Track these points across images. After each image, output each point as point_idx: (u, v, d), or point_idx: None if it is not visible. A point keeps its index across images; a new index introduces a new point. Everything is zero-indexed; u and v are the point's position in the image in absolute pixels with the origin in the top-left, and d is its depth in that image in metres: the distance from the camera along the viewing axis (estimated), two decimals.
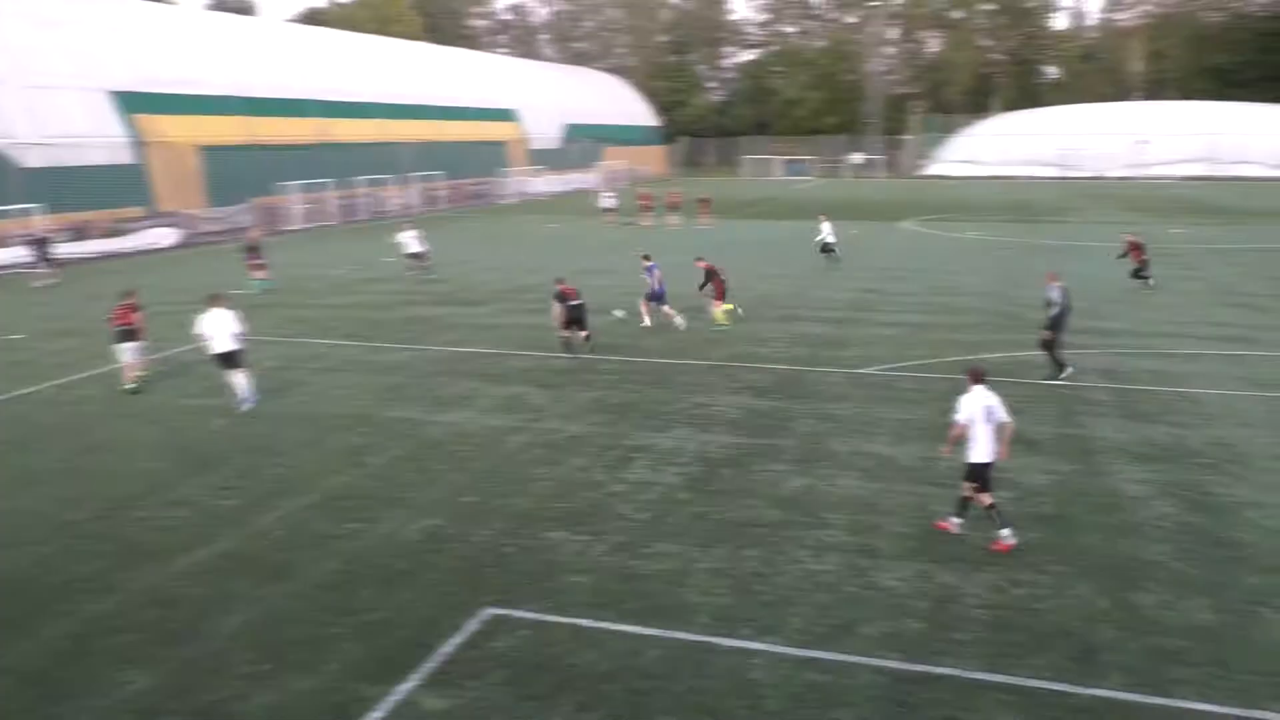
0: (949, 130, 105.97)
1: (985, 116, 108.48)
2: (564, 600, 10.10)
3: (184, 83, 51.51)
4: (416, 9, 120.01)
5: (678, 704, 8.30)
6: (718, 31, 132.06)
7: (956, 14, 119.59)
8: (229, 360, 17.57)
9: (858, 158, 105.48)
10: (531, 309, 27.06)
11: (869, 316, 25.56)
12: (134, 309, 19.10)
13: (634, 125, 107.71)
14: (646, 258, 25.22)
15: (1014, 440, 15.10)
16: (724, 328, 24.03)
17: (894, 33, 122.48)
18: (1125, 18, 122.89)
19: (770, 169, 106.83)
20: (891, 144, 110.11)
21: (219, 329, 17.52)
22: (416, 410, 17.22)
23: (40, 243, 33.56)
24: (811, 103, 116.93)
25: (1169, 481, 13.42)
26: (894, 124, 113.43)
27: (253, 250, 31.20)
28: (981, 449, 11.34)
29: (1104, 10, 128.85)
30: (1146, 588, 10.32)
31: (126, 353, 18.86)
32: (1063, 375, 18.58)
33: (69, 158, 43.02)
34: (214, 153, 51.02)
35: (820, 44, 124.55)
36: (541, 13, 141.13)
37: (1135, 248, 29.48)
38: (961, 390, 11.06)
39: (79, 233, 41.83)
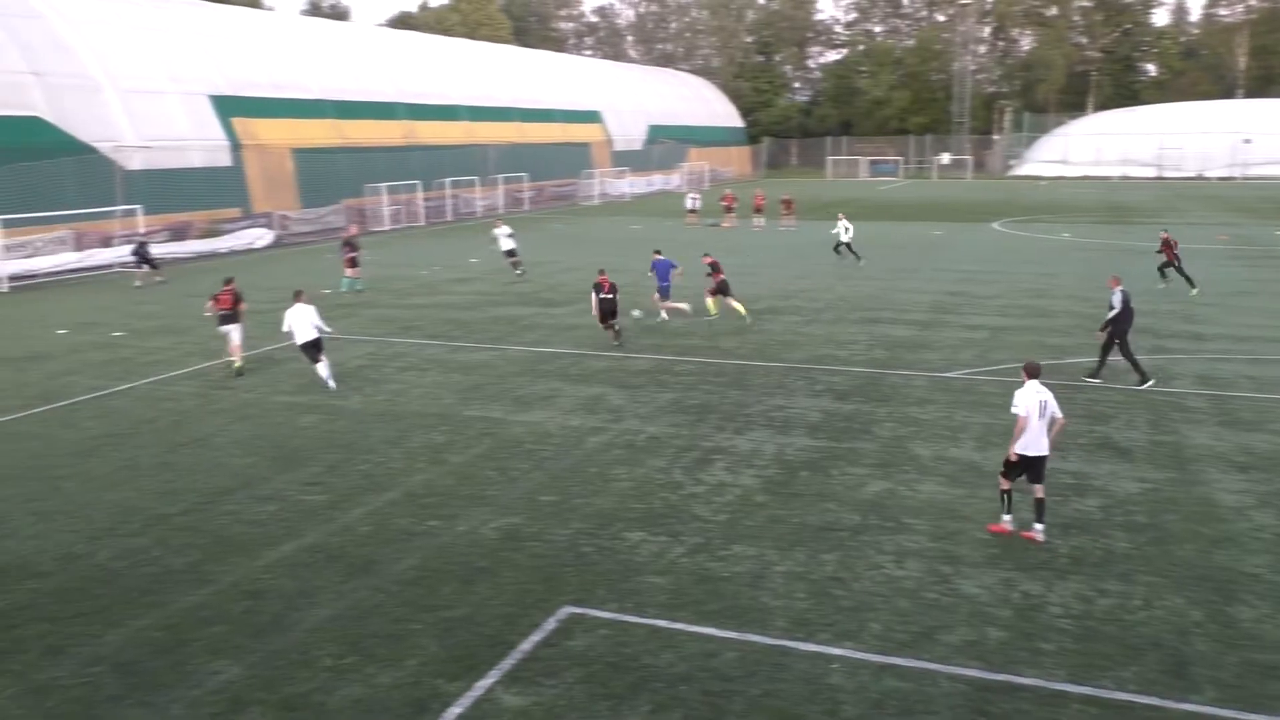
0: (1040, 130, 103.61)
1: (1079, 115, 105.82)
2: (641, 601, 10.13)
3: (279, 87, 52.86)
4: (505, 12, 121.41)
5: (754, 707, 8.26)
6: (804, 31, 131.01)
7: (1050, 11, 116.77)
8: (313, 350, 19.08)
9: (945, 158, 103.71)
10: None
11: (953, 319, 25.12)
12: (234, 295, 20.81)
13: (717, 126, 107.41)
14: (658, 252, 26.34)
15: (1104, 447, 14.77)
16: (714, 317, 25.57)
17: (985, 30, 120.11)
18: (1229, 13, 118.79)
19: (855, 170, 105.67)
20: (980, 144, 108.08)
21: (302, 322, 18.98)
22: (497, 409, 17.42)
23: (141, 244, 34.76)
24: (898, 102, 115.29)
25: (1269, 492, 12.94)
26: (983, 123, 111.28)
27: (349, 246, 31.89)
28: (1032, 442, 11.51)
29: (1206, 5, 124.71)
30: (1244, 600, 9.97)
31: (232, 334, 20.49)
32: (1095, 379, 18.55)
33: (169, 160, 44.46)
34: (306, 155, 52.26)
35: (908, 43, 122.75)
36: (627, 14, 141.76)
37: (1167, 245, 29.49)
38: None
39: (178, 233, 43.26)
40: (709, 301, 25.93)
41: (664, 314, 25.48)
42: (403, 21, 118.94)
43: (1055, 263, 35.74)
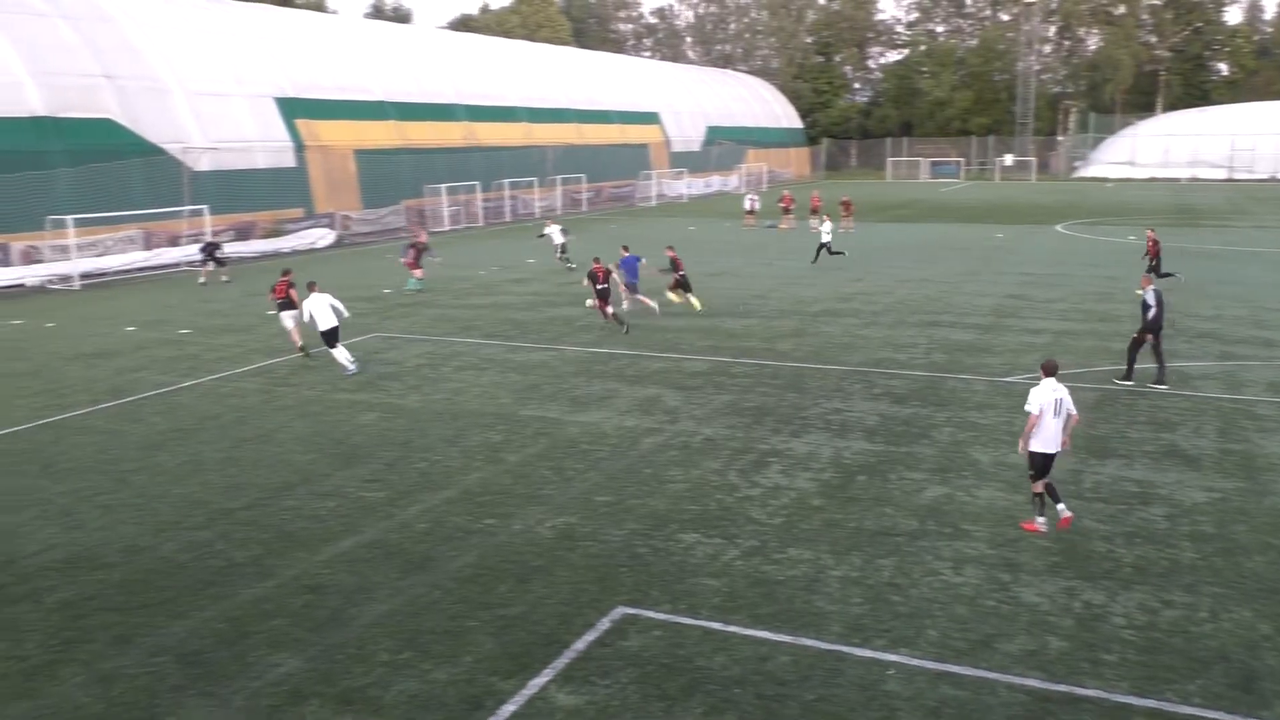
0: (1106, 130, 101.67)
1: (1147, 116, 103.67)
2: (695, 602, 10.10)
3: (342, 89, 53.64)
4: (565, 14, 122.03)
5: (808, 712, 8.20)
6: (865, 32, 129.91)
7: (1119, 9, 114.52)
8: (331, 336, 20.30)
9: (1008, 159, 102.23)
10: (668, 311, 27.15)
11: (1015, 323, 24.74)
12: (291, 285, 22.44)
13: (776, 127, 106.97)
14: (625, 248, 27.35)
15: (1171, 454, 14.45)
16: (678, 304, 27.06)
17: (1050, 30, 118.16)
18: None
19: (915, 171, 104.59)
20: (1044, 145, 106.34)
21: (322, 310, 20.20)
22: (554, 409, 17.50)
23: (211, 243, 35.53)
24: (960, 103, 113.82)
25: None
26: (1047, 124, 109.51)
27: (416, 248, 32.18)
28: (1046, 439, 11.65)
29: None
30: None
31: (288, 320, 22.09)
32: (1126, 381, 18.52)
33: (235, 161, 45.32)
34: (368, 156, 52.97)
35: (971, 42, 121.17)
36: (686, 15, 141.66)
37: (1153, 244, 30.47)
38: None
39: (242, 233, 44.09)
40: (670, 295, 27.30)
41: (625, 304, 26.28)
42: (464, 24, 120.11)
43: (1120, 266, 35.04)
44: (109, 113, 40.55)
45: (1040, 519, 11.90)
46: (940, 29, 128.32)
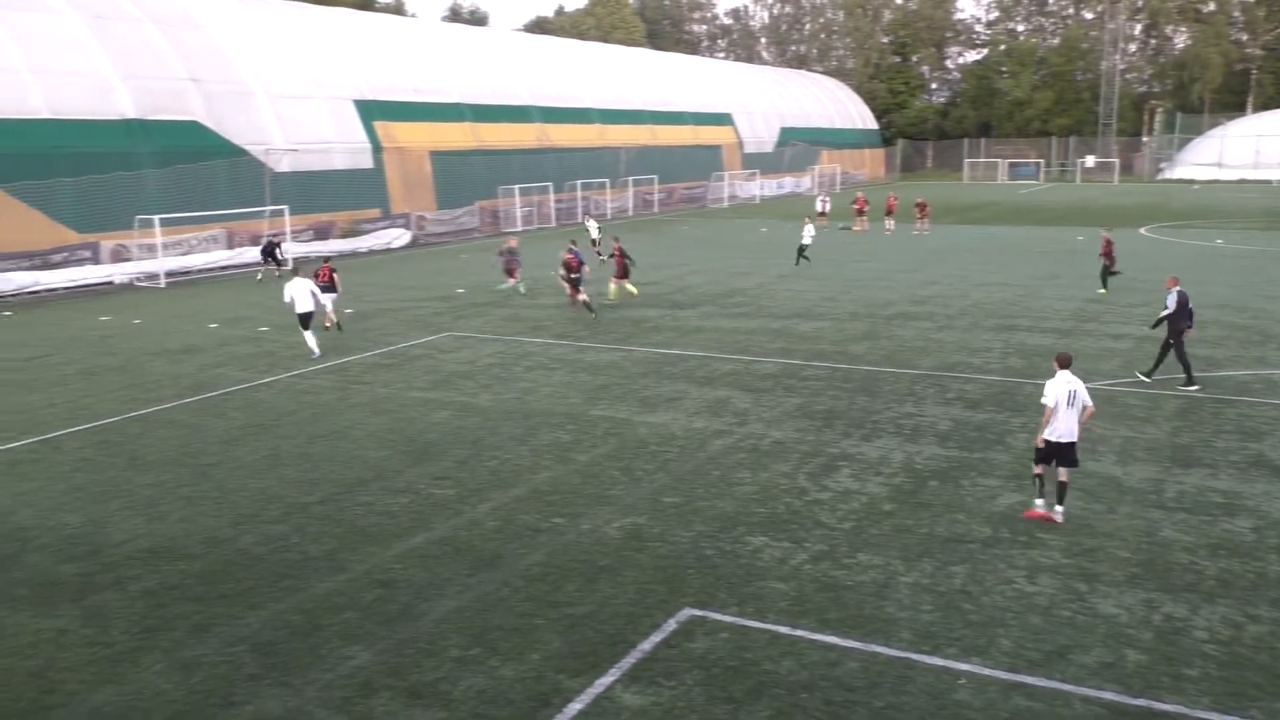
0: (1194, 131, 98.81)
1: (1237, 116, 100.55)
2: (763, 606, 10.05)
3: (419, 91, 54.42)
4: (639, 15, 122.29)
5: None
6: (943, 31, 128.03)
7: (1208, 7, 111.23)
8: (305, 320, 22.20)
9: (1089, 160, 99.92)
10: (740, 313, 27.09)
11: (1095, 328, 24.19)
12: (333, 270, 25.10)
13: (851, 128, 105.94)
14: (573, 243, 29.15)
15: (1258, 464, 14.00)
16: (614, 302, 28.63)
17: (1136, 28, 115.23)
18: None
19: (993, 172, 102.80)
20: (1128, 146, 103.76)
21: (302, 294, 22.04)
22: (623, 410, 17.54)
23: (271, 243, 36.52)
24: (1041, 103, 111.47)
25: None
26: (1131, 125, 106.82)
27: (509, 254, 32.22)
28: (1059, 429, 11.99)
29: None
30: None
31: (327, 300, 24.01)
32: (1147, 377, 18.82)
33: (314, 163, 46.24)
34: (443, 157, 53.65)
35: (1053, 42, 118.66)
36: (761, 16, 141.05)
37: (1109, 244, 30.61)
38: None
39: (321, 233, 44.99)
40: (612, 288, 29.09)
41: (580, 298, 27.42)
42: (539, 26, 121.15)
43: (1207, 270, 34.06)
44: (195, 115, 41.68)
45: (1039, 501, 12.27)
46: (1021, 28, 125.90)
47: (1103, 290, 29.67)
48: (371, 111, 50.44)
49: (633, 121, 71.00)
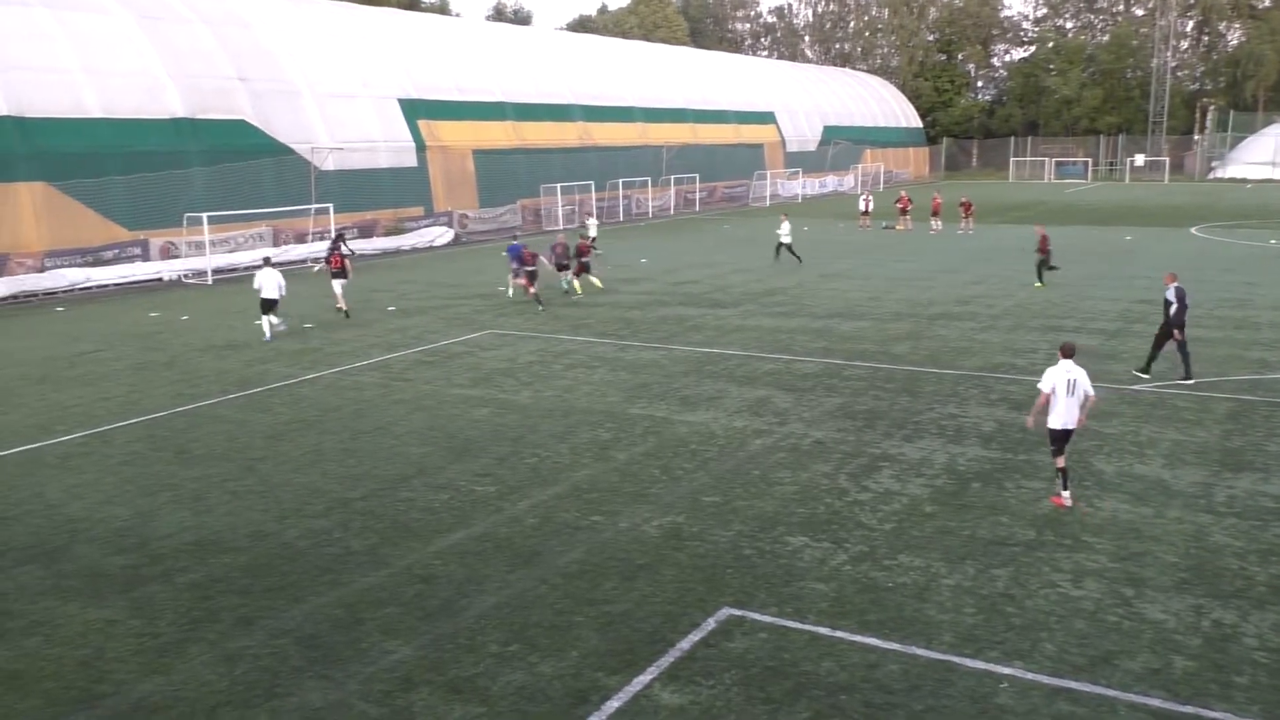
0: (1247, 129, 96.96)
1: None
2: (802, 606, 10.00)
3: (462, 90, 54.75)
4: (682, 14, 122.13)
5: None
6: (989, 29, 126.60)
7: (1263, 3, 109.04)
8: (269, 305, 24.44)
9: (1139, 159, 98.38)
10: (781, 312, 26.99)
11: (1143, 329, 23.80)
12: (344, 257, 27.74)
13: (895, 127, 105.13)
14: (514, 237, 31.92)
15: None
16: (579, 295, 30.01)
17: (1188, 25, 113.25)
18: None
19: (1040, 171, 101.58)
20: (1178, 144, 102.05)
21: (270, 283, 24.32)
22: (663, 409, 17.54)
23: (339, 236, 36.87)
24: (1089, 101, 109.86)
25: None
26: (1182, 123, 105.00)
27: (578, 251, 32.35)
28: (1059, 416, 12.47)
29: None
30: None
31: (337, 286, 27.06)
32: (1144, 374, 19.11)
33: (359, 161, 46.68)
34: (486, 156, 53.95)
35: (1102, 39, 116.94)
36: (805, 14, 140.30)
37: (1044, 239, 31.89)
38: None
39: (365, 231, 45.40)
40: (574, 281, 30.22)
41: (511, 289, 29.98)
42: (581, 25, 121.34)
43: (1259, 271, 33.42)
44: (243, 114, 42.22)
45: (1065, 492, 12.58)
46: (1069, 25, 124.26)
47: (1039, 284, 30.74)
48: (416, 110, 50.81)
49: (675, 120, 70.93)
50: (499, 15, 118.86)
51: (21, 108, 34.60)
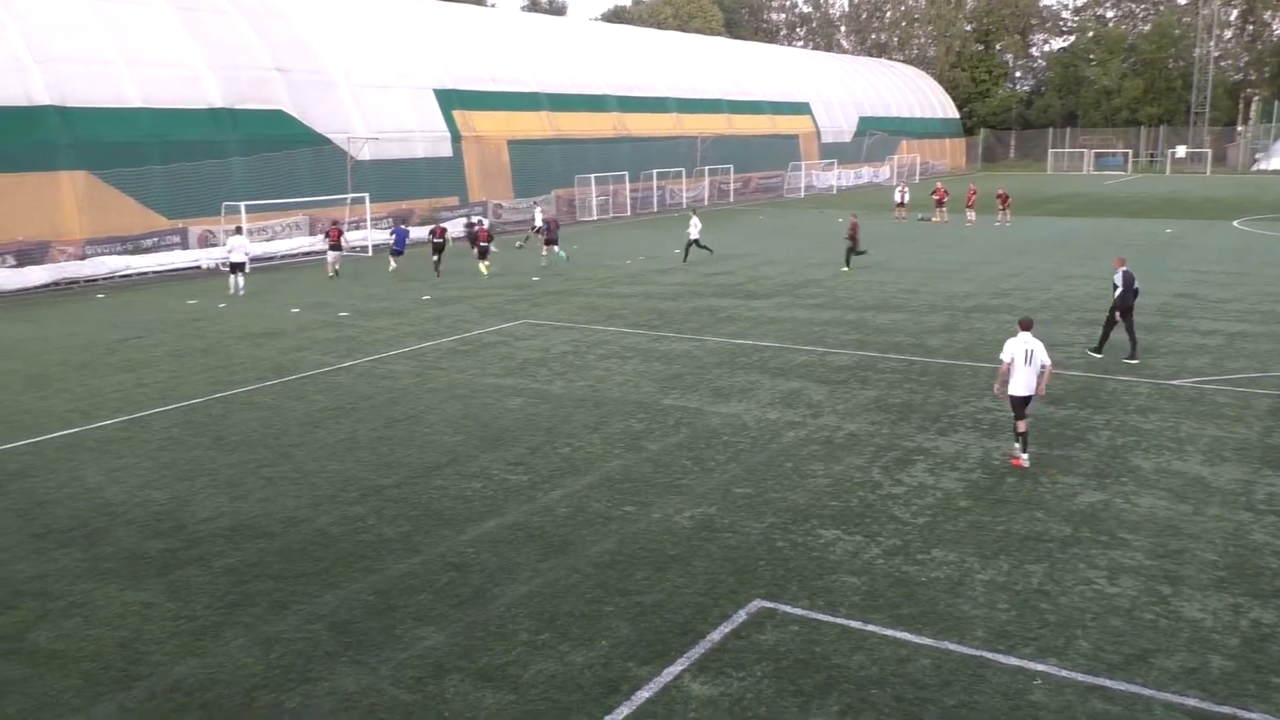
0: None
1: None
2: (834, 599, 9.96)
3: (497, 81, 54.83)
4: (717, 4, 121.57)
5: (948, 718, 7.98)
6: (1028, 18, 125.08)
7: None
8: (238, 267, 30.40)
9: (1180, 151, 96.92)
10: (815, 304, 26.86)
11: (1183, 323, 23.50)
12: (341, 231, 34.38)
13: (931, 118, 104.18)
14: (402, 222, 36.82)
15: None
16: (485, 277, 32.78)
17: (1232, 14, 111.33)
18: None
19: (1079, 163, 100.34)
20: (1221, 136, 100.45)
21: (239, 248, 30.75)
22: (696, 400, 17.51)
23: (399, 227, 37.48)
24: (1129, 92, 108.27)
25: None
26: (1225, 114, 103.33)
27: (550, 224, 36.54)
28: (1019, 384, 13.58)
29: None
30: None
31: (331, 255, 33.62)
32: (1097, 354, 20.16)
33: (395, 151, 46.89)
34: (520, 146, 54.03)
35: (1144, 28, 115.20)
36: (841, 4, 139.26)
37: (854, 227, 33.92)
38: None
39: (400, 220, 45.57)
40: (482, 265, 33.29)
41: (393, 265, 33.60)
42: (617, 15, 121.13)
43: None
44: (280, 104, 42.52)
45: (1024, 455, 13.70)
46: (1110, 14, 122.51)
47: (846, 269, 33.09)
48: (451, 101, 50.95)
49: (709, 111, 70.68)
50: (534, 5, 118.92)
51: (64, 98, 35.04)
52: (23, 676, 8.78)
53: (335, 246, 33.75)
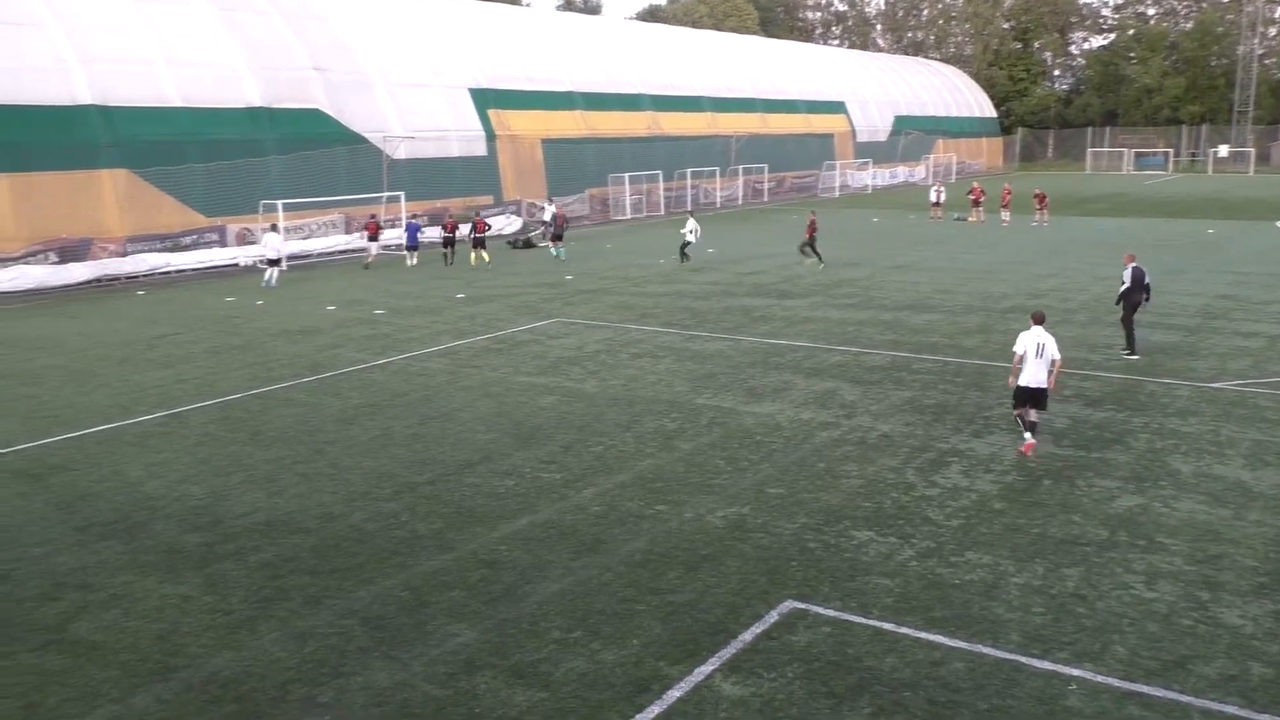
0: None
1: None
2: (866, 601, 9.91)
3: (532, 80, 54.96)
4: (752, 3, 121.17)
5: None
6: (1067, 16, 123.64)
7: None
8: (273, 261, 32.26)
9: (1223, 150, 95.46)
10: (849, 304, 26.72)
11: (1224, 325, 23.15)
12: (379, 225, 37.06)
13: (968, 117, 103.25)
14: (414, 217, 39.06)
15: None
16: (475, 268, 35.20)
17: (1277, 10, 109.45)
18: None
19: (1118, 162, 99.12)
20: (1265, 135, 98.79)
21: (273, 244, 32.66)
22: (729, 399, 17.48)
23: (417, 226, 38.45)
24: (1171, 90, 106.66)
25: None
26: (1270, 113, 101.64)
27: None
28: (1028, 376, 13.96)
29: None
30: None
31: (373, 247, 36.51)
32: (1126, 353, 20.20)
33: (430, 150, 47.12)
34: (555, 145, 54.13)
35: (1186, 26, 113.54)
36: (877, 2, 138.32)
37: (811, 224, 34.64)
38: None
39: (435, 219, 45.83)
40: (472, 255, 35.76)
41: (410, 261, 36.46)
42: (651, 14, 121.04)
43: None
44: (317, 104, 42.86)
45: (1027, 435, 14.19)
46: (1151, 11, 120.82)
47: (809, 260, 34.20)
48: (486, 100, 51.13)
49: (744, 110, 70.46)
50: (569, 5, 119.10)
51: (106, 97, 35.52)
52: (63, 667, 8.92)
53: (373, 239, 36.50)
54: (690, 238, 35.75)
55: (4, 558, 11.25)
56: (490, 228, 39.57)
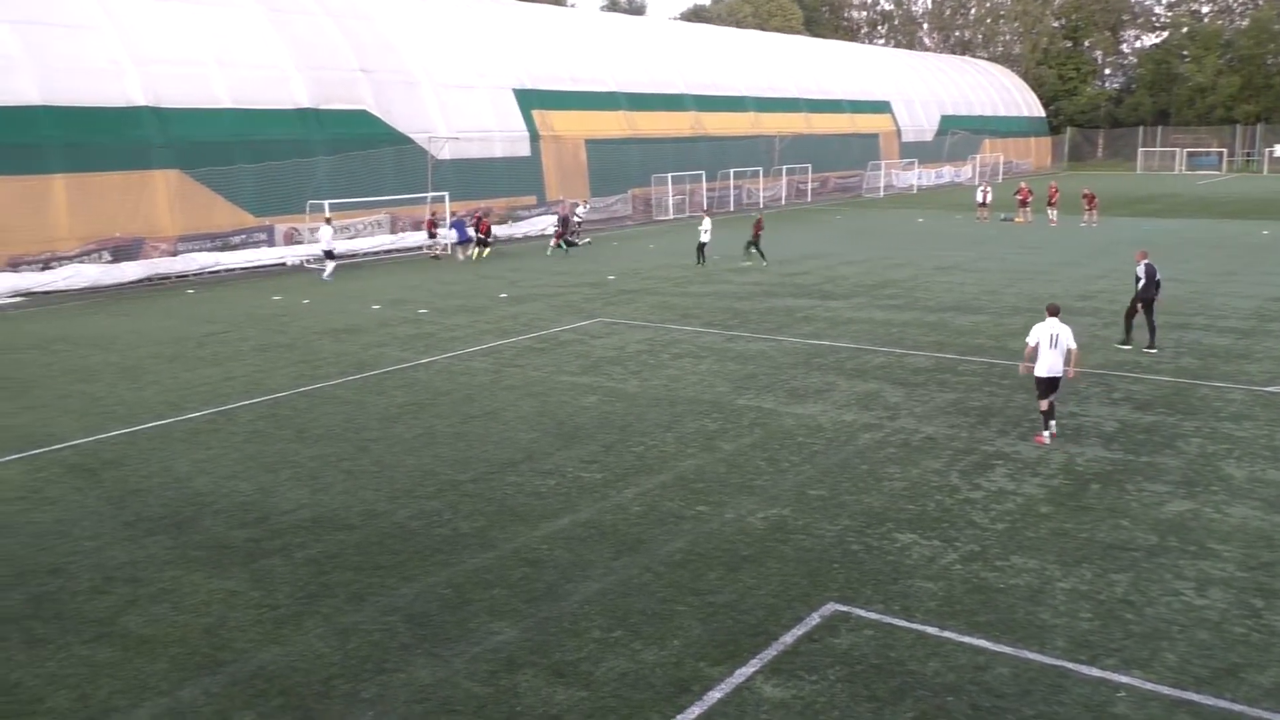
0: None
1: None
2: (909, 604, 9.82)
3: (576, 80, 55.11)
4: (797, 2, 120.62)
5: None
6: (1119, 14, 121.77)
7: None
8: (329, 254, 33.94)
9: (1278, 150, 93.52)
10: (893, 305, 26.52)
11: (1278, 328, 22.68)
12: (435, 224, 40.21)
13: (1016, 116, 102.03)
14: (453, 213, 40.89)
15: None
16: (474, 262, 36.92)
17: None
18: None
19: (1170, 162, 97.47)
20: None
21: (325, 236, 34.02)
22: (770, 400, 17.41)
23: (478, 222, 40.11)
24: (1225, 89, 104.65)
25: None
26: None
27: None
28: (1044, 366, 14.37)
29: None
30: None
31: (442, 236, 39.67)
32: (1125, 345, 20.86)
33: (474, 150, 47.41)
34: (598, 145, 54.24)
35: (1241, 23, 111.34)
36: (924, 1, 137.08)
37: (758, 224, 36.06)
38: None
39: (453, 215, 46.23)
40: (473, 251, 38.20)
41: (460, 256, 38.80)
42: (695, 14, 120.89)
43: None
44: (364, 104, 43.29)
45: (1046, 431, 14.65)
46: (1205, 9, 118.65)
47: (755, 260, 35.01)
48: (530, 100, 51.35)
49: (788, 110, 70.16)
50: (613, 5, 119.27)
51: (159, 98, 36.12)
52: (113, 659, 9.08)
53: (431, 235, 40.26)
54: (705, 238, 35.67)
55: (59, 551, 11.49)
56: (492, 233, 41.30)
